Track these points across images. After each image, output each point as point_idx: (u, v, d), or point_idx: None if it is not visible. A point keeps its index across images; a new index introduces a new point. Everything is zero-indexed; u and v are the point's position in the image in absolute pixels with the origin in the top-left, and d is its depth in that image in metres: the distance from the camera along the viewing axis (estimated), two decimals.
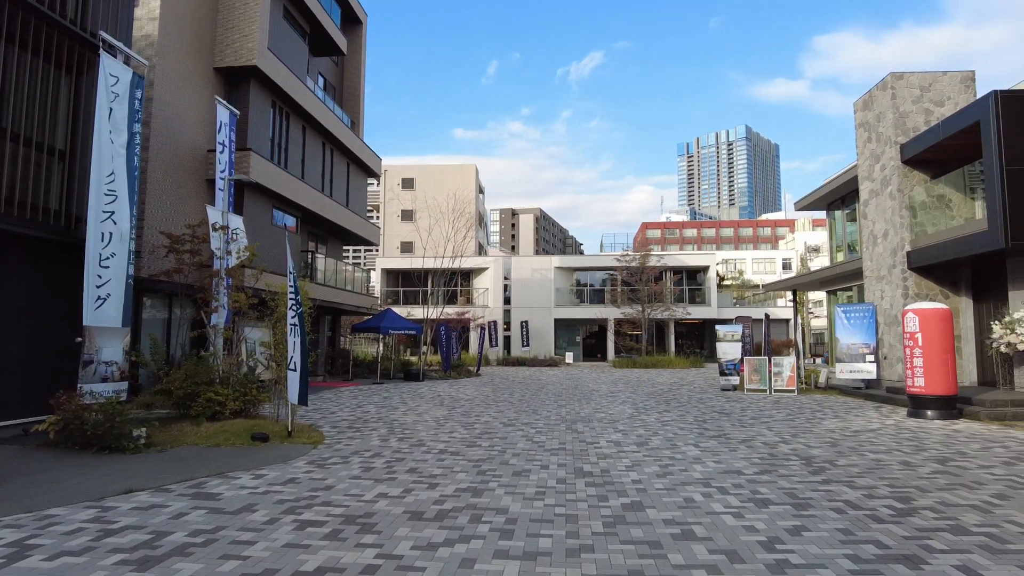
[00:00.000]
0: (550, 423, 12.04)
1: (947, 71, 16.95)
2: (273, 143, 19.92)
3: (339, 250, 27.58)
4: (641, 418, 12.75)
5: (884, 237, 17.34)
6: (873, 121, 17.96)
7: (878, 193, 17.71)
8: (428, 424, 11.85)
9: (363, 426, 11.52)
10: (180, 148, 15.97)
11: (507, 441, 9.88)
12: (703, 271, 42.08)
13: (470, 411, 13.99)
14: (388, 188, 58.29)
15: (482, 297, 41.17)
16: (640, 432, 10.81)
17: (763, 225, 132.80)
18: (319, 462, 8.16)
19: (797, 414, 13.19)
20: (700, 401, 16.12)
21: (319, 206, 22.16)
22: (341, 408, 14.47)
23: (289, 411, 10.04)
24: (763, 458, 8.41)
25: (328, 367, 25.07)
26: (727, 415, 13.14)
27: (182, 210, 15.76)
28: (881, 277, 17.52)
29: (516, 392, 19.00)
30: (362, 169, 27.86)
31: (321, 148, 23.68)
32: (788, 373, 18.25)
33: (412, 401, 16.22)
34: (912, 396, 12.60)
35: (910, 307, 12.74)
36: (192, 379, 11.05)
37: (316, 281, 21.72)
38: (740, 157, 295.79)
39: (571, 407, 14.83)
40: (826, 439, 9.93)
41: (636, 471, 7.65)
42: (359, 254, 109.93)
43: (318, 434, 10.25)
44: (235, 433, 9.73)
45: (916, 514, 5.71)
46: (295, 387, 9.38)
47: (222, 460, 8.22)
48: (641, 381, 24.06)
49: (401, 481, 7.08)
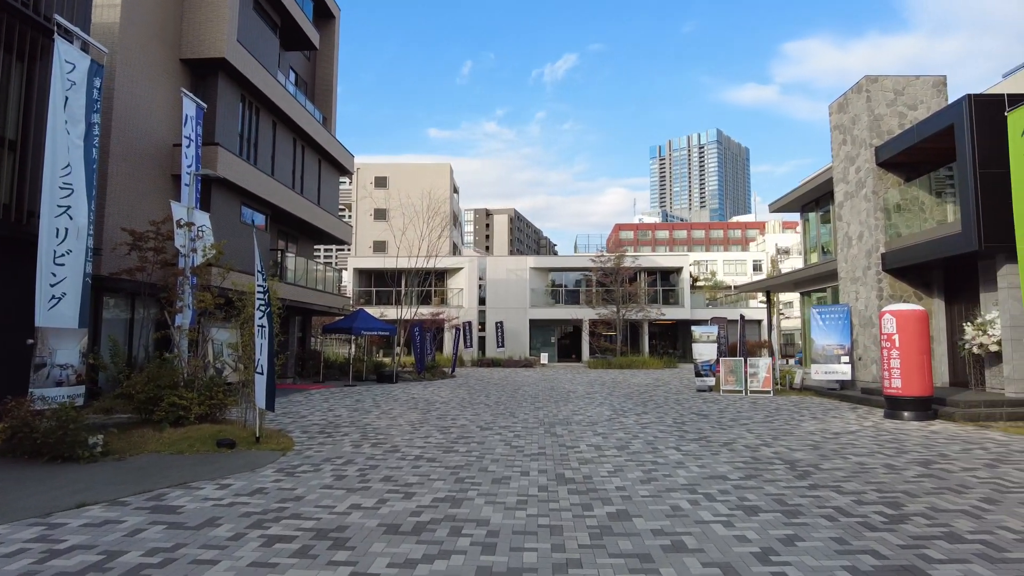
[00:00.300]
0: (528, 426, 11.77)
1: (920, 75, 17.13)
2: (242, 138, 19.32)
3: (310, 249, 26.98)
4: (620, 420, 12.55)
5: (859, 239, 17.45)
6: (848, 124, 18.08)
7: (853, 195, 17.83)
8: (402, 428, 11.49)
9: (335, 431, 11.11)
10: (144, 142, 15.34)
11: (485, 446, 9.59)
12: (676, 272, 42.28)
13: (446, 414, 13.66)
14: (360, 187, 57.51)
15: (456, 297, 40.78)
16: (620, 435, 10.60)
17: (734, 227, 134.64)
18: (288, 470, 7.77)
19: (775, 416, 13.13)
20: (677, 403, 16.01)
21: (290, 204, 21.59)
22: (312, 412, 14.02)
23: (257, 416, 9.60)
24: (747, 462, 8.25)
25: (298, 369, 24.48)
26: (705, 417, 13.03)
27: (146, 206, 15.13)
28: (856, 279, 17.64)
29: (492, 394, 18.70)
30: (334, 166, 27.29)
31: (292, 144, 23.09)
32: (764, 374, 18.26)
33: (385, 404, 15.82)
34: (889, 397, 12.63)
35: (887, 309, 12.77)
36: (155, 382, 10.52)
37: (286, 281, 21.15)
38: (711, 160, 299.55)
39: (549, 409, 14.59)
40: (807, 442, 9.84)
41: (619, 477, 7.41)
42: (330, 253, 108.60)
43: (287, 440, 9.83)
44: (200, 439, 9.27)
45: (908, 521, 5.57)
46: (262, 391, 8.95)
47: (185, 468, 7.77)
48: (617, 382, 23.95)
49: (375, 491, 6.74)
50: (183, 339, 11.54)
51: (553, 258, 48.07)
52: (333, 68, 27.90)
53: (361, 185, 57.79)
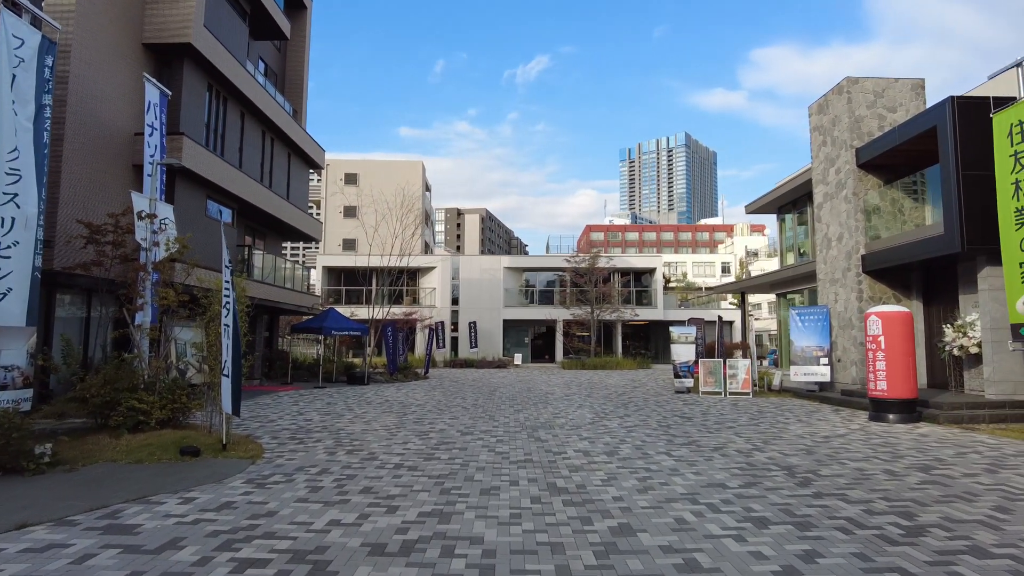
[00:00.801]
0: (510, 431, 11.32)
1: (899, 78, 17.16)
2: (208, 129, 18.47)
3: (278, 245, 26.12)
4: (604, 424, 12.18)
5: (839, 240, 17.42)
6: (828, 125, 18.05)
7: (833, 196, 17.80)
8: (379, 434, 10.94)
9: (307, 436, 10.51)
10: (102, 128, 14.46)
11: (468, 452, 9.11)
12: (649, 273, 42.28)
13: (422, 418, 13.12)
14: (330, 183, 56.36)
15: (429, 297, 40.11)
16: (607, 440, 10.22)
17: (702, 230, 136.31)
18: (259, 481, 7.18)
19: (759, 418, 12.92)
20: (658, 404, 15.73)
21: (258, 198, 20.77)
22: (281, 415, 13.35)
23: (223, 421, 8.96)
24: (743, 468, 7.93)
25: (265, 370, 23.61)
26: (690, 420, 12.74)
27: (104, 197, 14.28)
28: (835, 280, 17.61)
29: (468, 396, 18.20)
30: (304, 161, 26.46)
31: (261, 137, 22.25)
32: (743, 376, 18.12)
33: (359, 407, 15.20)
34: (874, 400, 12.50)
35: (873, 310, 12.65)
36: (112, 385, 9.79)
37: (253, 278, 20.33)
38: (679, 163, 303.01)
39: (528, 412, 14.16)
40: (799, 446, 9.58)
41: (614, 486, 7.01)
42: (298, 251, 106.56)
43: (256, 447, 9.20)
44: (161, 446, 8.60)
45: (927, 533, 5.27)
46: (228, 395, 8.33)
47: (144, 480, 7.12)
48: (593, 383, 23.65)
49: (355, 504, 6.21)
50: (143, 338, 10.81)
51: (527, 258, 47.65)
52: (304, 60, 27.07)
53: (330, 182, 56.64)
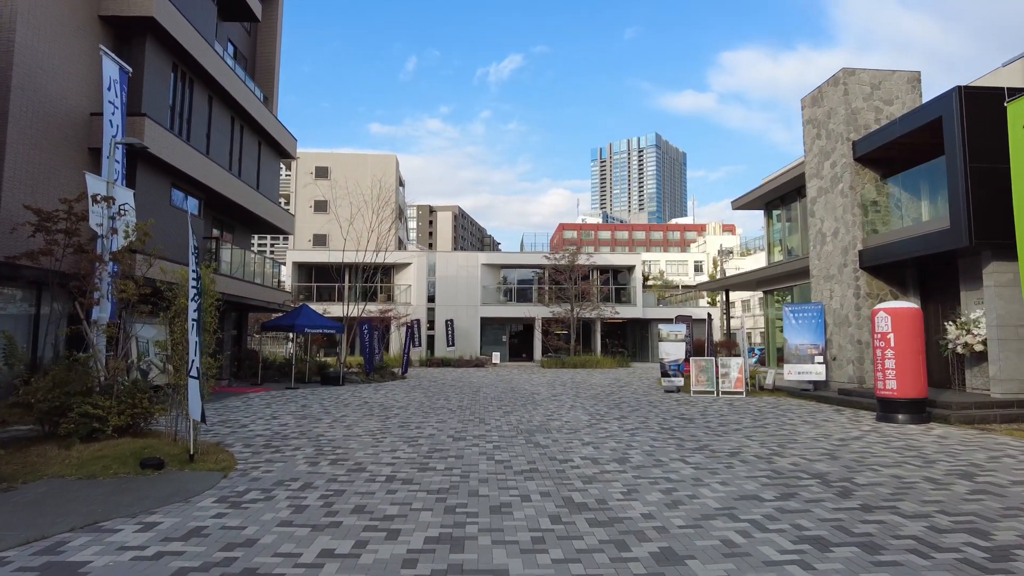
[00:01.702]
0: (504, 435, 10.50)
1: (895, 70, 16.80)
2: (174, 112, 17.24)
3: (248, 239, 24.85)
4: (602, 427, 11.44)
5: (834, 235, 16.99)
6: (823, 117, 17.61)
7: (828, 191, 17.36)
8: (362, 440, 10.02)
9: (283, 444, 9.54)
10: (54, 106, 13.22)
11: (465, 461, 8.27)
12: (628, 271, 41.82)
13: (408, 421, 12.22)
14: (300, 177, 54.79)
15: (404, 294, 39.03)
16: (612, 445, 9.47)
17: (673, 229, 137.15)
18: (233, 499, 6.24)
19: (762, 419, 12.32)
20: (651, 405, 15.08)
21: (227, 187, 19.56)
22: (253, 420, 12.32)
23: (191, 428, 7.96)
24: (771, 477, 7.24)
25: (234, 370, 22.38)
26: (691, 421, 12.09)
27: (56, 183, 13.05)
28: (830, 276, 17.17)
29: (452, 397, 17.32)
30: (275, 150, 25.22)
31: (230, 123, 21.02)
32: (736, 374, 17.59)
33: (336, 410, 14.22)
34: (883, 399, 11.99)
35: (882, 306, 12.14)
36: (62, 388, 8.70)
37: (221, 272, 19.13)
38: (650, 164, 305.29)
39: (519, 414, 13.36)
40: (818, 450, 8.96)
41: (638, 500, 6.26)
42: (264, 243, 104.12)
43: (228, 456, 8.23)
44: (118, 458, 7.57)
45: (1014, 557, 4.61)
46: (196, 399, 7.35)
47: (96, 500, 6.13)
48: (576, 382, 22.97)
49: (349, 528, 5.33)
50: (99, 336, 9.71)
51: (506, 254, 46.80)
52: (276, 44, 25.81)
53: (301, 175, 55.06)
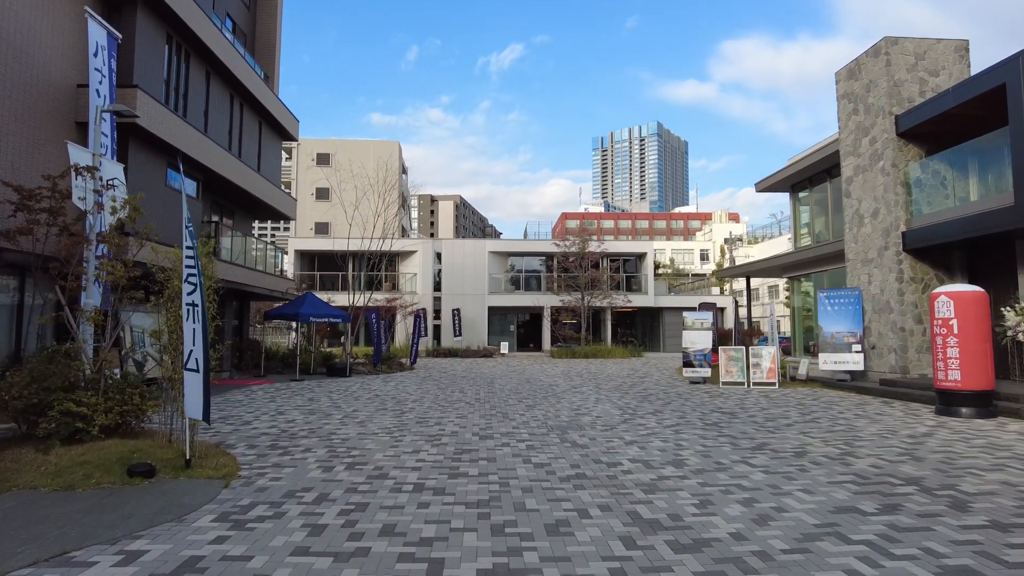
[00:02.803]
0: (535, 433, 9.51)
1: (940, 39, 15.67)
2: (168, 86, 16.15)
3: (249, 225, 23.81)
4: (639, 422, 10.45)
5: (873, 216, 15.92)
6: (861, 91, 16.50)
7: (866, 169, 16.28)
8: (379, 438, 9.03)
9: (291, 444, 8.55)
10: (36, 78, 12.15)
11: (499, 465, 7.27)
12: (639, 258, 40.75)
13: (425, 416, 11.23)
14: (301, 164, 53.64)
15: (410, 283, 38.00)
16: (659, 444, 8.48)
17: (676, 218, 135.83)
18: (236, 516, 5.25)
19: (810, 413, 11.32)
20: (681, 397, 14.10)
21: (226, 168, 18.48)
22: (257, 415, 11.33)
23: (187, 428, 6.95)
24: (858, 483, 6.25)
25: (235, 361, 21.40)
26: (733, 415, 11.10)
27: (40, 159, 12.01)
28: (869, 260, 16.12)
29: (467, 389, 16.33)
30: (276, 131, 24.10)
31: (229, 101, 19.92)
32: (768, 364, 16.60)
33: (346, 403, 13.23)
34: (943, 392, 10.97)
35: (943, 290, 11.11)
36: (41, 383, 7.70)
37: (221, 259, 18.11)
38: (651, 153, 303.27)
39: (543, 408, 12.37)
40: (892, 449, 7.96)
41: (718, 514, 5.26)
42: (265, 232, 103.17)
43: (230, 460, 7.22)
44: (102, 464, 6.57)
45: None
46: (196, 396, 6.33)
47: (71, 520, 5.14)
48: (592, 373, 21.99)
49: (380, 558, 4.34)
50: (84, 324, 8.70)
51: (514, 242, 45.66)
52: (276, 21, 24.63)
53: (302, 162, 53.90)
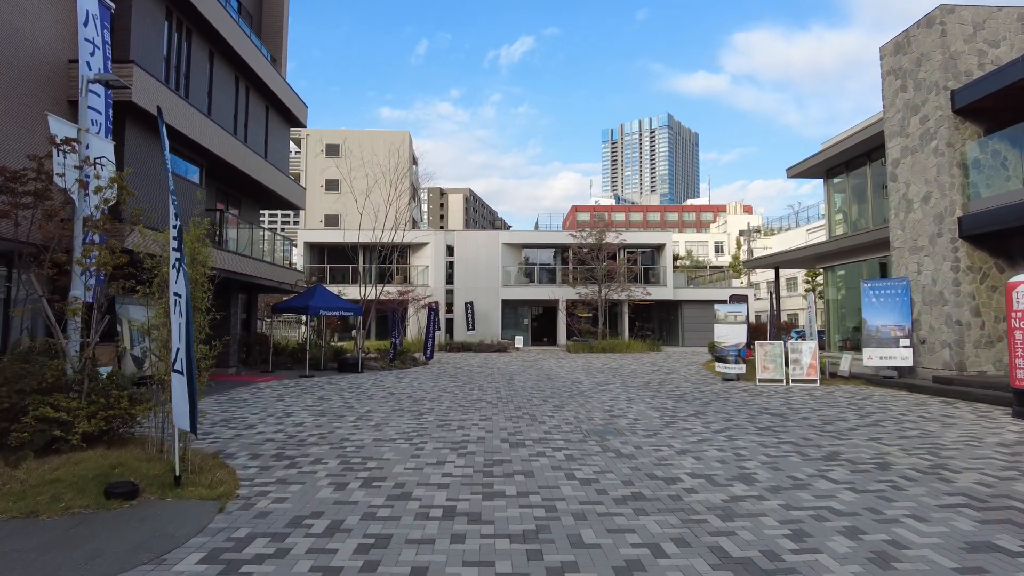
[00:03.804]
0: (570, 439, 8.50)
1: (1001, 7, 14.45)
2: (169, 65, 15.18)
3: (256, 214, 22.87)
4: (683, 426, 9.42)
5: (924, 201, 14.74)
6: (910, 66, 15.28)
7: (916, 150, 15.09)
8: (398, 446, 8.04)
9: (299, 454, 7.58)
10: (21, 51, 11.19)
11: (539, 481, 6.26)
12: (657, 250, 39.55)
13: (446, 419, 10.24)
14: (310, 155, 52.77)
15: (421, 275, 37.02)
16: (715, 454, 7.45)
17: (689, 210, 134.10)
18: (229, 554, 4.26)
19: (868, 415, 10.24)
20: (720, 396, 13.04)
21: (231, 154, 17.50)
22: (262, 417, 10.37)
23: (177, 437, 5.97)
24: (980, 511, 5.19)
25: (243, 356, 20.51)
26: (784, 418, 10.04)
27: (29, 140, 11.05)
28: (918, 248, 14.96)
29: (486, 387, 15.33)
30: (284, 116, 23.12)
31: (234, 84, 18.94)
32: (808, 361, 15.50)
33: (359, 403, 12.26)
34: (1021, 392, 9.86)
35: (1020, 278, 9.97)
36: (14, 385, 6.77)
37: (227, 249, 17.18)
38: (662, 145, 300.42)
39: (572, 409, 11.34)
40: (995, 462, 6.88)
41: (820, 549, 4.23)
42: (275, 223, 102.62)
43: (228, 475, 6.25)
44: (76, 483, 5.61)
45: None
46: (182, 402, 5.35)
47: (22, 562, 4.16)
48: (614, 368, 20.95)
49: None
50: (70, 320, 7.76)
51: (528, 233, 44.55)
52: (283, 3, 23.60)
53: (311, 154, 53.03)
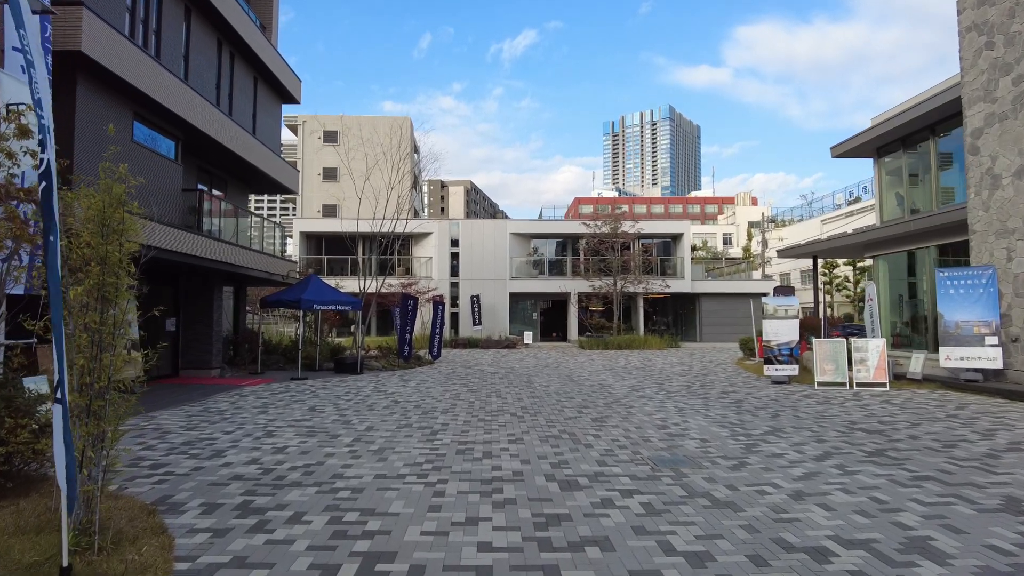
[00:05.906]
0: (635, 475, 6.44)
1: None
2: (134, 17, 13.06)
3: (244, 198, 20.77)
4: (767, 450, 7.35)
5: (1017, 176, 12.64)
6: (999, 18, 13.15)
7: (1005, 117, 12.97)
8: (408, 488, 5.96)
9: (273, 503, 5.49)
10: None
11: (628, 562, 4.19)
12: (674, 240, 37.41)
13: (466, 440, 8.16)
14: (307, 143, 50.59)
15: (424, 267, 34.92)
16: (842, 499, 5.38)
17: (693, 202, 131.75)
18: None
19: (993, 433, 8.18)
20: (782, 404, 11.00)
21: (214, 127, 15.36)
22: (237, 438, 8.29)
23: (63, 501, 3.84)
24: None
25: (229, 356, 18.44)
26: (888, 437, 7.99)
27: None
28: (1009, 231, 12.86)
29: (504, 392, 13.25)
30: (275, 90, 20.97)
31: (216, 47, 16.79)
32: (876, 361, 13.44)
33: (358, 417, 10.17)
34: None
35: None
36: None
37: (207, 233, 15.09)
38: (663, 137, 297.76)
39: (617, 424, 9.27)
40: None
41: None
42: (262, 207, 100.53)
43: (158, 549, 4.15)
44: None
45: None
46: (61, 451, 3.27)
47: None
48: (639, 367, 18.91)
49: None
50: None
51: (538, 222, 42.39)
52: None
53: (307, 141, 50.84)
